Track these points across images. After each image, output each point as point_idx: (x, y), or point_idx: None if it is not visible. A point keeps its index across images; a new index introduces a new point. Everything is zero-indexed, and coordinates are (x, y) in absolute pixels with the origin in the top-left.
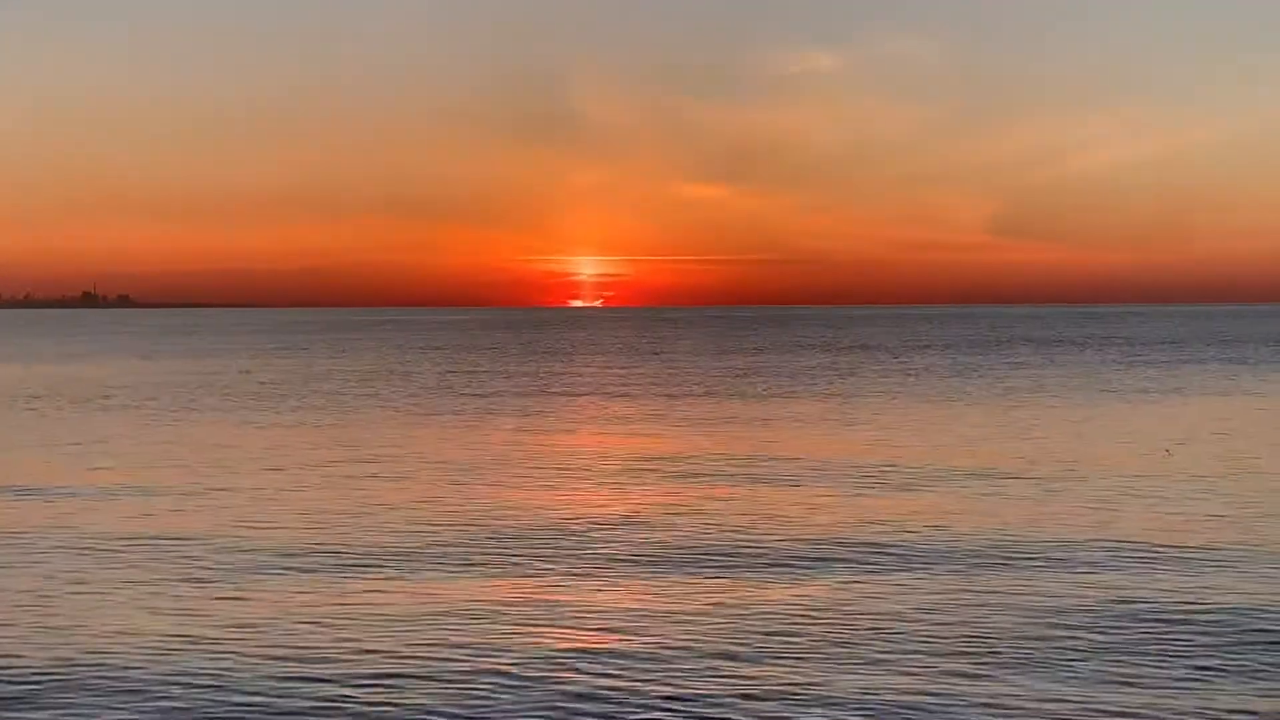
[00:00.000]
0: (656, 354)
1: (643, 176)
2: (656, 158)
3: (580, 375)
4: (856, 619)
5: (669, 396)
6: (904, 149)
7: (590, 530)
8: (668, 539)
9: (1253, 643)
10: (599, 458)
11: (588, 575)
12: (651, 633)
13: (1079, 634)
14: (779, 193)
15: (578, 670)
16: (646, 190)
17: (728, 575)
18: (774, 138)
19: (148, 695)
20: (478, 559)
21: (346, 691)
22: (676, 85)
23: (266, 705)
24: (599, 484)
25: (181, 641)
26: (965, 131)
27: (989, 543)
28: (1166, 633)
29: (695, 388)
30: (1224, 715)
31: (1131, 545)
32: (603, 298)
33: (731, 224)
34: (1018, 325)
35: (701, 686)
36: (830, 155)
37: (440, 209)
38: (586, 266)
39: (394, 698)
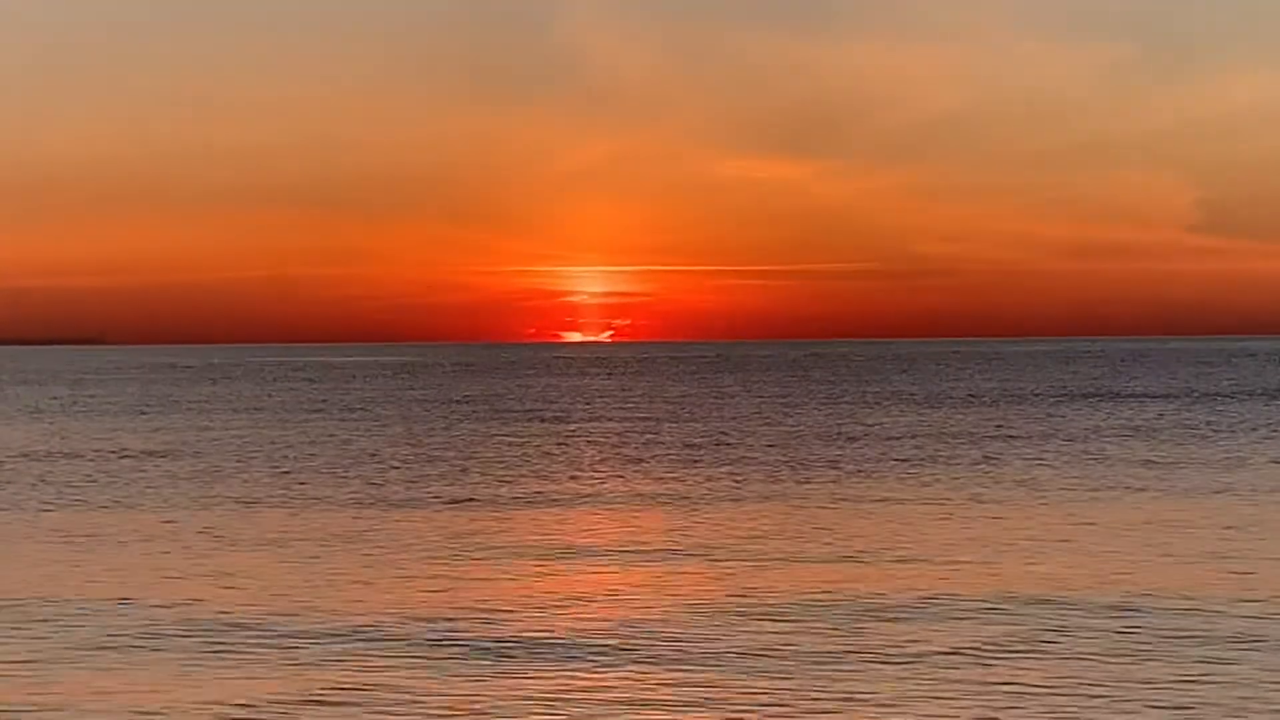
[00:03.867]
0: (693, 419)
1: (671, 148)
2: (692, 120)
3: (583, 451)
4: None
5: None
6: (1067, 108)
7: None
8: None
9: None
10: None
11: None
12: None
13: None
14: (879, 171)
15: None
16: (677, 168)
17: None
18: (871, 89)
19: None
20: None
21: None
22: (720, 11)
23: None
24: None
25: None
26: (1158, 81)
27: None
28: None
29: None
30: None
31: None
32: (613, 328)
33: (807, 217)
34: (1240, 366)
35: None
36: (958, 116)
37: (373, 198)
38: (588, 281)
39: None
